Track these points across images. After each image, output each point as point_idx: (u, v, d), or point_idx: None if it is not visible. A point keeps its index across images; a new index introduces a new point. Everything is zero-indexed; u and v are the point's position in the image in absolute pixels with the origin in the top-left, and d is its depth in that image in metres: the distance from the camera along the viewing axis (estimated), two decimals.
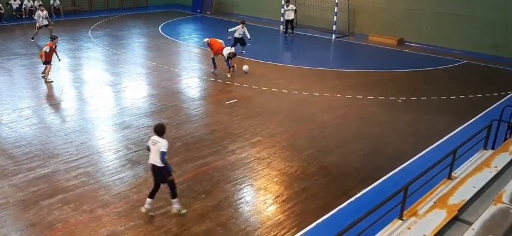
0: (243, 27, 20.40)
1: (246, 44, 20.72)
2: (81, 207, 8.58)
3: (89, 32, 24.78)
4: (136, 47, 22.58)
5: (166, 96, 15.04)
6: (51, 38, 16.43)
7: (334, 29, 25.70)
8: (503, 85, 17.21)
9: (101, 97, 14.82)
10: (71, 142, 11.31)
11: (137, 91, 15.51)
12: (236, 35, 20.34)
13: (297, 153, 11.16)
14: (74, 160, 10.40)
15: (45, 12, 22.43)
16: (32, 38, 22.13)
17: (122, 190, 9.25)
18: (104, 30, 25.56)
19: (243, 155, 10.97)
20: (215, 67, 17.45)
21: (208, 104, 14.71)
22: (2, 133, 11.70)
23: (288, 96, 15.29)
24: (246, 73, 17.11)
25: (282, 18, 26.74)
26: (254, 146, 11.47)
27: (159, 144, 8.00)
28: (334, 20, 25.56)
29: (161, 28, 26.66)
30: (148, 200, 8.37)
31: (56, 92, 15.04)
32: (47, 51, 15.61)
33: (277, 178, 9.98)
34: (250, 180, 9.88)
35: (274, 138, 11.99)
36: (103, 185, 9.39)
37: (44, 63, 15.82)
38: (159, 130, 8.16)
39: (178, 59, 20.52)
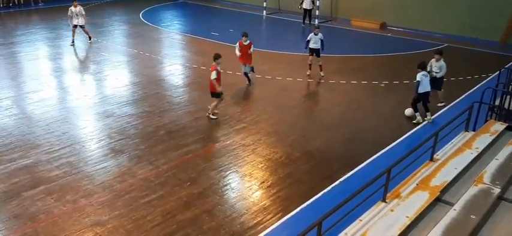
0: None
1: None
2: (64, 197, 8.49)
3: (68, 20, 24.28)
4: (117, 34, 22.25)
5: (148, 83, 14.89)
6: None
7: (316, 13, 25.67)
8: (484, 68, 17.44)
9: (82, 86, 14.62)
10: (52, 132, 11.14)
11: (119, 79, 15.32)
12: None
13: (281, 139, 11.18)
14: (55, 150, 10.25)
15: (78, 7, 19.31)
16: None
17: (105, 179, 9.16)
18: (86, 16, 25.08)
19: (227, 142, 10.94)
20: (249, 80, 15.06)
21: (192, 91, 14.61)
22: None
23: (272, 82, 15.28)
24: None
25: (300, 7, 25.49)
26: (239, 133, 11.45)
27: None
28: (317, 4, 25.52)
29: (142, 15, 26.31)
30: None
31: (36, 82, 14.75)
32: None
33: (262, 164, 9.99)
34: (235, 167, 9.87)
35: (259, 125, 11.98)
36: (86, 175, 9.28)
37: None
38: None
39: (160, 46, 20.29)
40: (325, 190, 8.98)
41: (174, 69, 16.80)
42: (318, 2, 25.54)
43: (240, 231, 7.76)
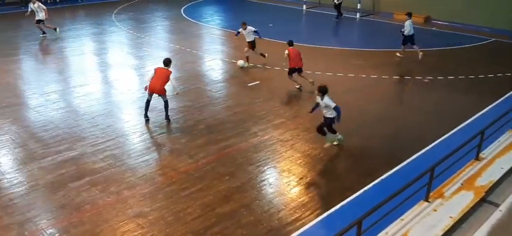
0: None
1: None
2: (108, 189, 8.75)
3: (113, 15, 24.99)
4: (159, 30, 22.68)
5: (189, 78, 15.11)
6: None
7: (358, 7, 25.24)
8: None
9: (126, 81, 14.99)
10: (97, 125, 11.50)
11: None
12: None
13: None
14: (100, 143, 10.58)
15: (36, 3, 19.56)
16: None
17: (147, 172, 9.39)
18: (128, 13, 25.73)
19: (265, 137, 10.97)
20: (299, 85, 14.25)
21: (231, 86, 14.73)
22: (31, 117, 11.98)
23: (313, 77, 15.17)
24: (241, 68, 16.10)
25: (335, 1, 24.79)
26: (277, 128, 11.46)
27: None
28: None
29: (183, 10, 26.69)
30: None
31: (82, 76, 15.26)
32: None
33: (300, 160, 9.96)
34: (273, 162, 9.89)
35: (297, 120, 11.94)
36: (129, 168, 9.54)
37: None
38: None
39: (201, 41, 20.54)
40: (366, 188, 8.85)
41: (214, 64, 16.97)
42: None
43: (278, 226, 7.78)
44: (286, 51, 13.84)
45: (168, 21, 24.44)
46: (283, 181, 9.24)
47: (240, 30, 16.25)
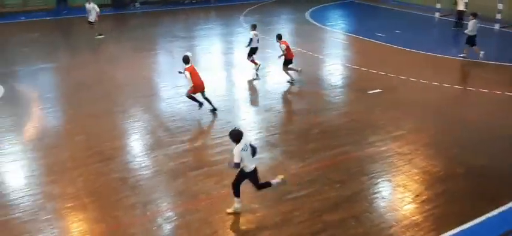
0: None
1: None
2: (222, 181, 9.17)
3: (241, 17, 26.11)
4: (283, 32, 22.84)
5: (308, 82, 15.19)
6: None
7: (497, 17, 23.04)
8: None
9: (247, 80, 15.55)
10: (218, 120, 12.13)
11: (280, 76, 15.92)
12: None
13: (441, 152, 10.38)
14: (219, 137, 11.14)
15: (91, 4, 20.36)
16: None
17: (259, 170, 9.57)
18: (255, 15, 26.68)
19: (382, 148, 10.58)
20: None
21: (350, 92, 14.48)
22: (162, 107, 13.07)
23: (438, 89, 14.26)
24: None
25: (454, 8, 23.39)
26: (396, 140, 10.98)
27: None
28: (499, 7, 22.87)
29: (308, 14, 26.87)
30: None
31: (209, 74, 16.20)
32: None
33: (417, 177, 9.42)
34: (388, 175, 9.51)
35: (418, 134, 11.31)
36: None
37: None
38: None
39: (323, 45, 20.51)
40: (489, 215, 8.07)
41: (334, 68, 16.83)
42: (500, 4, 22.90)
43: None
44: (284, 45, 14.75)
45: (292, 24, 24.82)
46: (397, 196, 8.84)
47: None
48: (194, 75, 12.15)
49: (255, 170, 7.98)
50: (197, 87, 12.26)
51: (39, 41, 20.44)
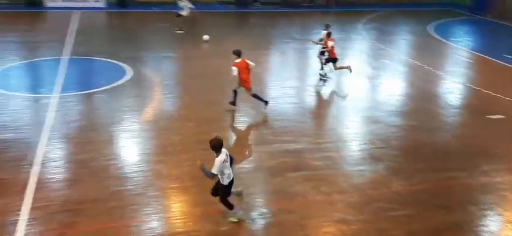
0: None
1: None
2: (320, 187, 9.13)
3: (360, 24, 25.61)
4: (402, 43, 22.26)
5: (422, 98, 14.44)
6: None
7: None
8: None
9: (357, 88, 15.25)
10: (322, 125, 12.09)
11: (393, 88, 15.38)
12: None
13: None
14: (321, 142, 11.10)
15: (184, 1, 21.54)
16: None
17: (359, 182, 9.43)
18: (374, 24, 26.00)
19: (497, 179, 9.70)
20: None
21: (467, 114, 13.48)
22: (270, 106, 13.34)
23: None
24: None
25: None
26: None
27: None
28: None
29: (431, 27, 25.47)
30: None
31: (317, 77, 16.19)
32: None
33: None
34: (500, 209, 8.70)
35: None
36: (343, 173, 9.76)
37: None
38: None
39: (443, 61, 19.30)
40: None
41: (454, 87, 15.76)
42: None
43: None
44: (331, 43, 14.91)
45: (412, 36, 23.76)
46: (506, 232, 8.06)
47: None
48: (242, 71, 12.17)
49: (232, 181, 7.60)
50: (243, 83, 12.34)
51: (168, 31, 22.03)
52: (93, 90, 13.66)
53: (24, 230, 7.40)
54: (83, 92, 13.52)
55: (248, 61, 12.29)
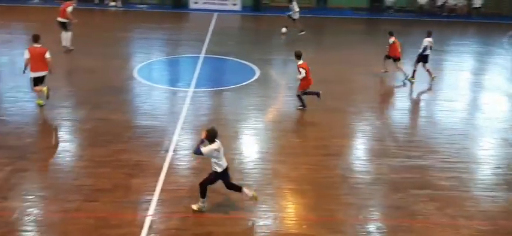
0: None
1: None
2: (445, 209, 8.52)
3: (505, 37, 23.32)
4: None
5: None
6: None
7: None
8: None
9: (496, 107, 13.93)
10: (453, 143, 11.25)
11: None
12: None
13: None
14: (451, 161, 10.35)
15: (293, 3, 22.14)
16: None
17: (489, 209, 8.61)
18: None
19: None
20: None
21: None
22: (395, 117, 12.85)
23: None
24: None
25: None
26: None
27: None
28: None
29: None
30: None
31: (452, 92, 15.11)
32: None
33: None
34: None
35: None
36: (472, 197, 9.00)
37: None
38: None
39: None
40: None
41: None
42: None
43: None
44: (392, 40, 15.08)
45: None
46: None
47: None
48: (308, 72, 12.33)
49: (226, 169, 7.95)
50: (308, 84, 12.46)
51: (294, 35, 22.37)
52: (223, 88, 14.47)
53: (153, 209, 8.14)
54: (214, 89, 14.40)
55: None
